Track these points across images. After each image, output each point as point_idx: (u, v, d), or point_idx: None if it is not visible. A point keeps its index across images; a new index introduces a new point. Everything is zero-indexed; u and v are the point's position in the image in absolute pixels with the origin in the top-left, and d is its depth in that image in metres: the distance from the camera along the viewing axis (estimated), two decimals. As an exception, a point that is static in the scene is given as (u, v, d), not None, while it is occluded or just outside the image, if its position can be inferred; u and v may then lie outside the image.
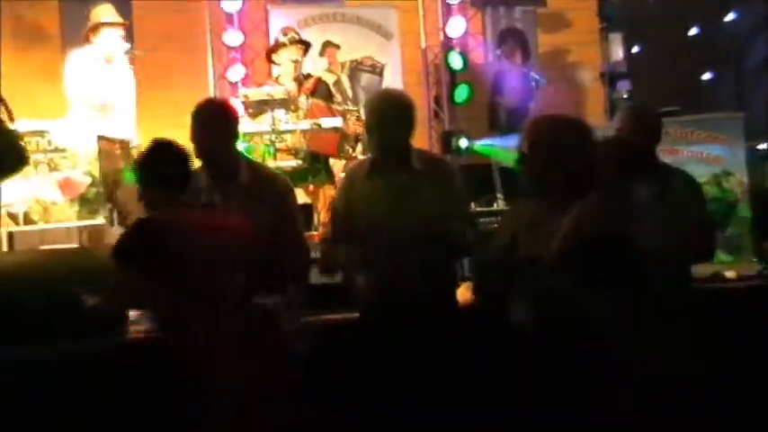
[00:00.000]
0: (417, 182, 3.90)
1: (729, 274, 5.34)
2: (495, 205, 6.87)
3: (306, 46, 6.59)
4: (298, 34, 6.59)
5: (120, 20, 6.21)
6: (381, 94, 4.65)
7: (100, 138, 5.52)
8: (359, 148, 6.34)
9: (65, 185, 5.55)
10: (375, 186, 3.94)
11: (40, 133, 5.60)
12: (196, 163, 4.13)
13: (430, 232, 3.79)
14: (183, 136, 6.81)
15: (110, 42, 6.18)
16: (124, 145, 5.66)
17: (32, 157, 5.46)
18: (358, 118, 6.24)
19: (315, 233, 5.50)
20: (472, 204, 6.43)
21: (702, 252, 4.22)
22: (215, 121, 4.07)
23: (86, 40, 6.29)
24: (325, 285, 4.35)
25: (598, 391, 3.03)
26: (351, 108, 6.81)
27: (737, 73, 7.14)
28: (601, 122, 8.08)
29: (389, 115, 3.93)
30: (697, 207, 4.14)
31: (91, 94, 5.98)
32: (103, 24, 6.16)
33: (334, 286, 4.39)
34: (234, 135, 4.15)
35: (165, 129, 7.39)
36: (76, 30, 7.32)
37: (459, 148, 7.59)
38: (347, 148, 6.34)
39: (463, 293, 4.53)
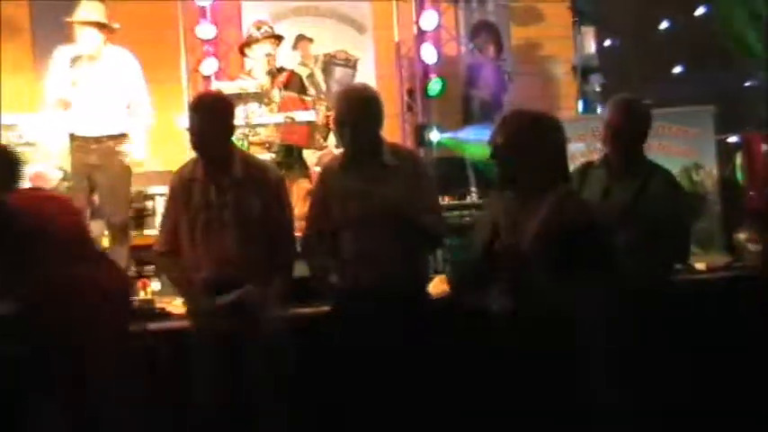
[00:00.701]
0: (388, 175, 3.91)
1: (699, 265, 5.39)
2: (468, 198, 6.90)
3: (279, 40, 6.58)
4: (271, 28, 6.57)
5: (99, 19, 5.97)
6: (348, 89, 4.66)
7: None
8: (331, 138, 6.35)
9: (35, 179, 5.52)
10: (348, 180, 3.95)
11: (11, 127, 5.58)
12: (191, 154, 4.22)
13: (401, 225, 3.81)
14: (155, 130, 6.81)
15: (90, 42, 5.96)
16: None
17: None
18: (328, 108, 6.24)
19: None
20: (446, 198, 6.50)
21: (677, 256, 4.25)
22: (211, 114, 4.10)
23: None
24: (302, 278, 4.34)
25: (570, 380, 3.09)
26: (321, 97, 6.82)
27: (708, 66, 7.21)
28: (573, 115, 8.15)
29: (356, 111, 3.94)
30: (674, 211, 4.12)
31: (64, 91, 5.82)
32: (85, 23, 5.97)
33: (309, 279, 4.38)
34: (230, 128, 4.19)
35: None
36: (47, 24, 7.28)
37: (430, 142, 7.61)
38: (318, 138, 6.36)
39: (436, 286, 4.57)
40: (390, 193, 3.86)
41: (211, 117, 4.09)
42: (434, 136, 7.64)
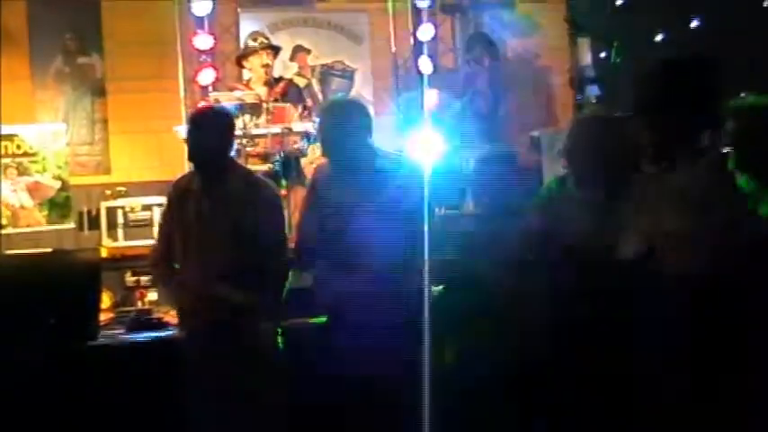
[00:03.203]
0: (378, 182, 3.92)
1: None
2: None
3: (276, 51, 6.60)
4: (267, 39, 6.59)
5: None
6: (329, 102, 4.68)
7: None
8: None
9: (34, 189, 5.54)
10: (336, 189, 3.98)
11: (9, 137, 5.58)
12: (189, 165, 4.25)
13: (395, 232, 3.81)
14: (153, 140, 6.86)
15: None
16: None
17: (0, 162, 5.45)
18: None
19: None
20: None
21: None
22: (209, 127, 4.12)
23: None
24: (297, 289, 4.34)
25: None
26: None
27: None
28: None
29: (335, 123, 3.98)
30: None
31: None
32: None
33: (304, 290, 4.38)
34: (227, 142, 4.21)
35: (135, 133, 7.44)
36: (44, 34, 7.30)
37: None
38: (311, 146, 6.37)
39: None
40: (380, 199, 3.87)
41: (209, 130, 4.11)
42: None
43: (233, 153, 4.44)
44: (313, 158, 6.29)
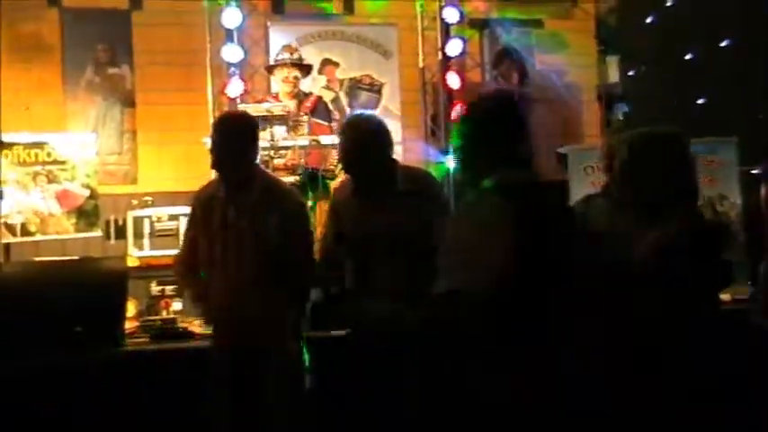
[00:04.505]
0: (401, 200, 3.88)
1: (723, 296, 5.35)
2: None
3: (308, 70, 6.67)
4: (299, 53, 6.64)
5: None
6: (350, 119, 4.64)
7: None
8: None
9: (63, 197, 5.58)
10: (358, 206, 3.95)
11: (40, 145, 5.63)
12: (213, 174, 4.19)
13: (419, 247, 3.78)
14: (181, 151, 6.89)
15: None
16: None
17: (31, 169, 5.50)
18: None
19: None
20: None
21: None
22: (232, 133, 4.09)
23: None
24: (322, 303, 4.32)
25: None
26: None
27: (732, 98, 7.19)
28: (597, 143, 8.14)
29: (355, 141, 3.95)
30: None
31: None
32: None
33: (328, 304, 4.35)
34: (252, 149, 4.15)
35: (163, 143, 7.49)
36: (77, 43, 7.38)
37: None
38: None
39: None
40: (404, 217, 3.83)
41: (232, 137, 4.08)
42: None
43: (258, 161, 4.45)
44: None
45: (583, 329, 2.88)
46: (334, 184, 6.22)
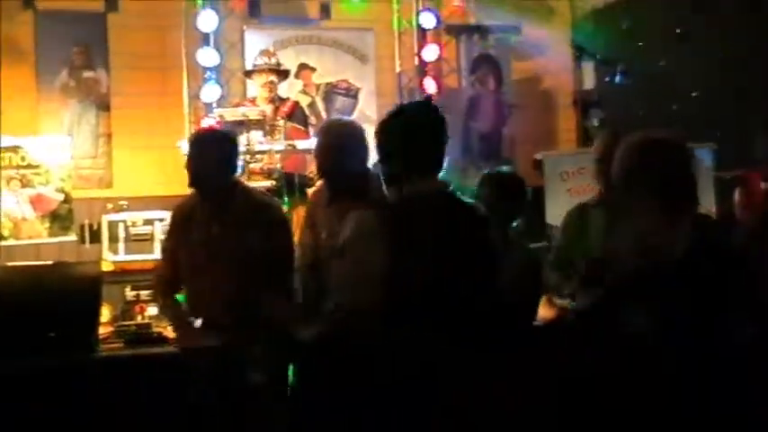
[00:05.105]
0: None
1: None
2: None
3: (285, 75, 6.65)
4: (276, 57, 6.63)
5: None
6: (328, 123, 4.61)
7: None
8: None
9: (36, 201, 5.54)
10: (331, 215, 3.87)
11: (13, 149, 5.59)
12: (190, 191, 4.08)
13: None
14: (156, 155, 6.87)
15: None
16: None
17: (5, 173, 5.46)
18: None
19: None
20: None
21: None
22: (208, 151, 4.01)
23: None
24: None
25: None
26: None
27: (708, 104, 7.25)
28: (572, 148, 8.20)
29: (334, 146, 3.93)
30: None
31: None
32: None
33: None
34: (229, 165, 4.08)
35: (138, 147, 7.45)
36: (52, 44, 7.33)
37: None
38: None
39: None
40: None
41: (208, 154, 4.00)
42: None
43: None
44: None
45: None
46: (310, 191, 6.23)
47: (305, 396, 3.78)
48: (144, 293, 5.40)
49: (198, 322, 4.10)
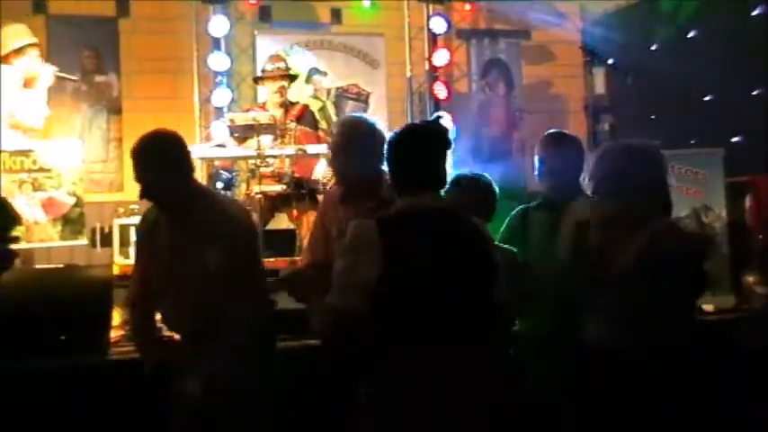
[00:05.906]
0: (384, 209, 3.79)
1: (707, 307, 5.38)
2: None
3: (293, 80, 6.66)
4: (286, 63, 6.63)
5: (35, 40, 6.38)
6: (346, 119, 4.56)
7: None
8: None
9: (48, 205, 5.55)
10: (345, 214, 3.81)
11: (25, 153, 5.60)
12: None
13: None
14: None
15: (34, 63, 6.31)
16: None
17: (17, 177, 5.48)
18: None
19: (298, 258, 5.51)
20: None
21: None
22: (150, 156, 3.70)
23: (6, 61, 6.26)
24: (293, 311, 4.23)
25: None
26: (332, 131, 6.84)
27: (719, 108, 7.23)
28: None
29: (350, 141, 3.86)
30: None
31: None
32: (31, 46, 6.30)
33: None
34: (176, 168, 3.71)
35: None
36: (63, 49, 7.36)
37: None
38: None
39: None
40: None
41: (147, 160, 3.69)
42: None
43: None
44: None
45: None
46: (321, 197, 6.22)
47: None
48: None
49: (176, 337, 3.94)
